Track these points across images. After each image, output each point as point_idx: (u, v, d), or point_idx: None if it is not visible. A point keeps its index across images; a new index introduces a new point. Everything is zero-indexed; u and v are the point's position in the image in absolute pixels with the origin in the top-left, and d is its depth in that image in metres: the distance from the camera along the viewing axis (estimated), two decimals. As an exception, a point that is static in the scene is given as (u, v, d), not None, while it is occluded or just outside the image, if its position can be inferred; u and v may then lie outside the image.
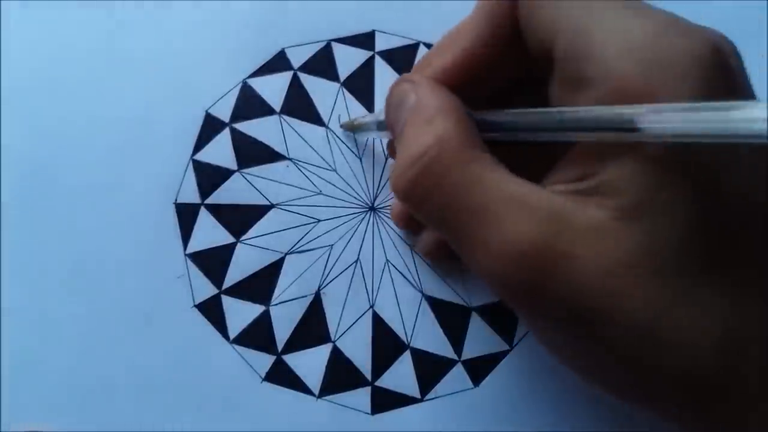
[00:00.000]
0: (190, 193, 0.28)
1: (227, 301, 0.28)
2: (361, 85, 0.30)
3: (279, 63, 0.30)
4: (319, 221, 0.28)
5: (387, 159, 0.29)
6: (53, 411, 0.27)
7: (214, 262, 0.28)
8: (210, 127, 0.29)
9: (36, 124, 0.29)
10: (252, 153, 0.29)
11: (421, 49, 0.30)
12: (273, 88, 0.30)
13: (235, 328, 0.27)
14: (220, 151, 0.29)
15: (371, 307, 0.28)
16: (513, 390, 0.27)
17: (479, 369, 0.27)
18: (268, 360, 0.27)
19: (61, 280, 0.28)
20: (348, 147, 0.29)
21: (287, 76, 0.30)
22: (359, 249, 0.28)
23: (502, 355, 0.28)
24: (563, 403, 0.27)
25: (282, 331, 0.27)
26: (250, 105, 0.29)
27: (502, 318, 0.28)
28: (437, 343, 0.28)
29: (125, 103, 0.29)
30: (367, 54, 0.30)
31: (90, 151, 0.29)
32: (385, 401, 0.27)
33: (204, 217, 0.28)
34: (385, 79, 0.30)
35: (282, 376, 0.27)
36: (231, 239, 0.28)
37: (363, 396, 0.27)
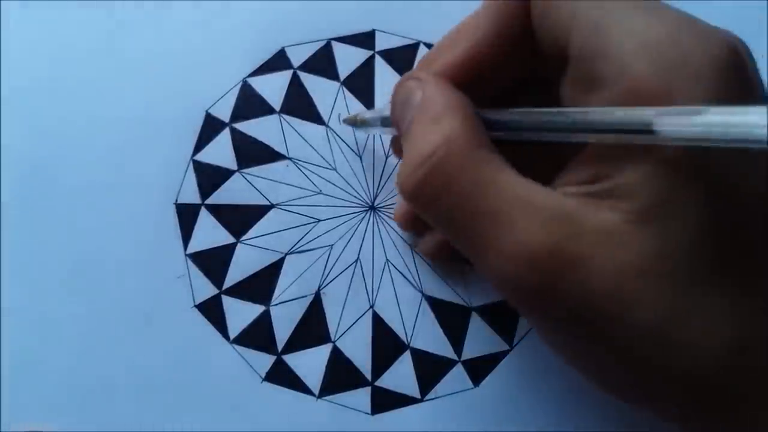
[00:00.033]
0: (191, 194, 0.28)
1: (227, 301, 0.28)
2: (361, 85, 0.30)
3: (279, 62, 0.30)
4: (319, 221, 0.28)
5: (387, 158, 0.29)
6: (53, 411, 0.27)
7: (214, 262, 0.28)
8: (210, 127, 0.29)
9: (36, 124, 0.29)
10: (252, 153, 0.29)
11: (421, 48, 0.30)
12: (273, 87, 0.30)
13: (235, 328, 0.27)
14: (220, 151, 0.29)
15: (371, 307, 0.28)
16: (513, 390, 0.27)
17: (479, 369, 0.27)
18: (268, 360, 0.27)
19: (61, 280, 0.28)
20: (348, 146, 0.29)
21: (287, 75, 0.30)
22: (359, 249, 0.28)
23: (502, 355, 0.28)
24: (563, 403, 0.27)
25: (282, 331, 0.27)
26: (250, 104, 0.29)
27: (502, 318, 0.28)
28: (437, 343, 0.28)
29: (125, 103, 0.29)
30: (367, 53, 0.30)
31: (90, 151, 0.29)
32: (385, 401, 0.27)
33: (204, 218, 0.28)
34: (385, 79, 0.30)
35: (282, 376, 0.27)
36: (231, 239, 0.28)
37: (363, 396, 0.27)
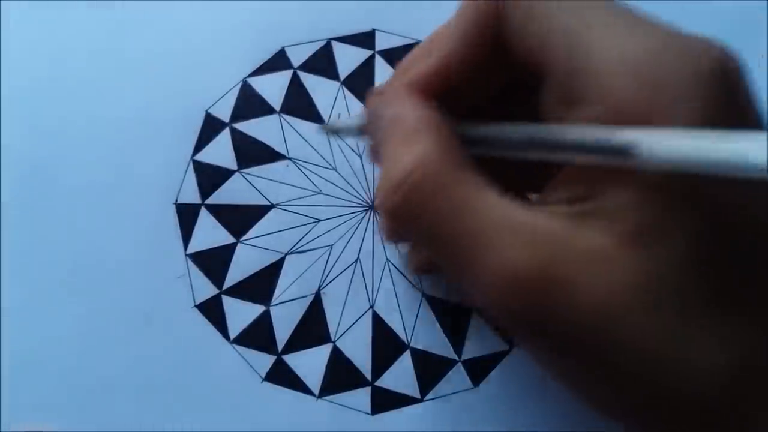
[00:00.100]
0: (191, 194, 0.28)
1: (227, 301, 0.28)
2: (361, 84, 0.30)
3: (279, 62, 0.30)
4: (319, 221, 0.28)
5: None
6: (53, 411, 0.27)
7: (214, 262, 0.28)
8: (210, 127, 0.29)
9: (36, 124, 0.29)
10: (252, 153, 0.29)
11: (422, 48, 0.30)
12: (273, 87, 0.30)
13: (235, 328, 0.27)
14: (220, 151, 0.29)
15: (371, 307, 0.28)
16: (513, 390, 0.27)
17: (479, 369, 0.27)
18: (269, 360, 0.27)
19: (61, 280, 0.28)
20: (348, 146, 0.29)
21: (287, 74, 0.30)
22: (359, 249, 0.28)
23: (502, 355, 0.27)
24: (563, 403, 0.27)
25: (282, 331, 0.27)
26: (250, 104, 0.29)
27: (502, 318, 0.28)
28: (437, 343, 0.28)
29: (125, 103, 0.29)
30: (367, 53, 0.30)
31: (90, 151, 0.29)
32: (385, 401, 0.27)
33: (204, 218, 0.28)
34: (386, 79, 0.30)
35: (282, 376, 0.27)
36: (231, 239, 0.28)
37: (363, 396, 0.27)
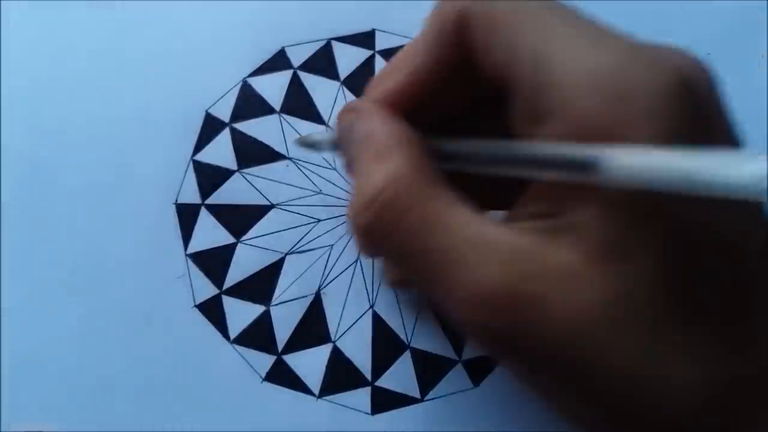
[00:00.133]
0: (191, 194, 0.28)
1: (228, 301, 0.28)
2: (361, 84, 0.30)
3: (279, 62, 0.30)
4: (319, 221, 0.28)
5: None
6: (53, 411, 0.27)
7: (214, 262, 0.28)
8: (210, 127, 0.29)
9: (36, 124, 0.29)
10: (252, 153, 0.29)
11: (422, 48, 0.30)
12: (273, 87, 0.30)
13: (235, 328, 0.27)
14: (220, 151, 0.29)
15: (371, 307, 0.28)
16: (513, 390, 0.27)
17: (479, 369, 0.27)
18: (269, 360, 0.27)
19: (61, 280, 0.28)
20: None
21: (287, 74, 0.30)
22: (359, 249, 0.28)
23: (502, 355, 0.27)
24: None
25: (282, 331, 0.27)
26: (250, 104, 0.29)
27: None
28: (437, 343, 0.28)
29: (125, 103, 0.29)
30: (367, 53, 0.30)
31: (90, 151, 0.29)
32: (385, 401, 0.27)
33: (204, 218, 0.28)
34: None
35: (282, 376, 0.27)
36: (231, 239, 0.28)
37: (363, 396, 0.27)
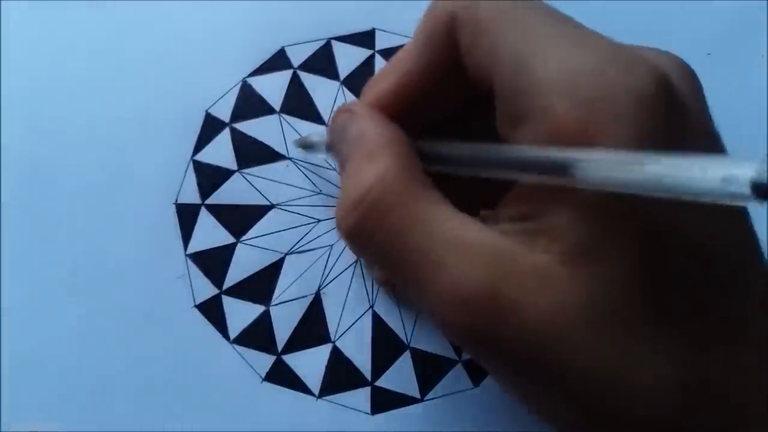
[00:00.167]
0: (191, 194, 0.28)
1: (227, 301, 0.28)
2: (361, 84, 0.29)
3: (279, 61, 0.30)
4: (319, 221, 0.28)
5: None
6: (53, 411, 0.27)
7: (214, 263, 0.28)
8: (210, 127, 0.29)
9: (36, 124, 0.29)
10: (252, 153, 0.29)
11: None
12: (273, 87, 0.30)
13: (235, 328, 0.27)
14: (220, 151, 0.29)
15: (371, 307, 0.28)
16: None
17: (479, 369, 0.27)
18: (268, 360, 0.27)
19: (61, 280, 0.28)
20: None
21: (287, 74, 0.30)
22: (359, 249, 0.28)
23: (502, 355, 0.27)
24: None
25: (282, 331, 0.27)
26: (250, 104, 0.29)
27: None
28: (437, 343, 0.28)
29: (125, 103, 0.29)
30: (367, 52, 0.30)
31: (90, 151, 0.29)
32: (385, 401, 0.27)
33: (204, 218, 0.28)
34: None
35: (282, 376, 0.27)
36: (231, 239, 0.28)
37: (363, 396, 0.27)
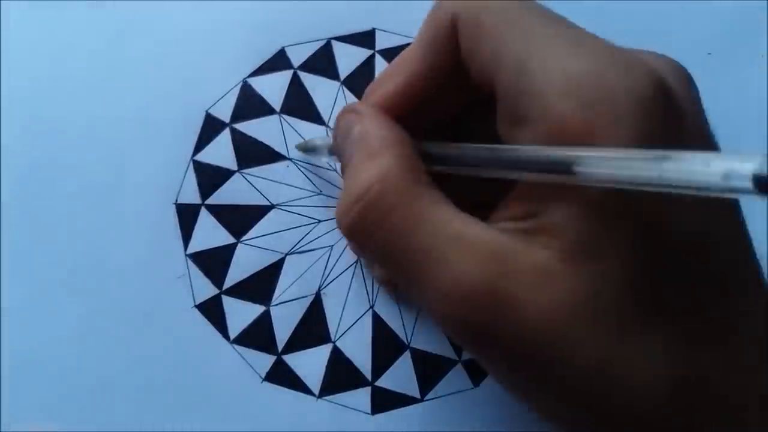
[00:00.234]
0: (191, 194, 0.28)
1: (227, 302, 0.28)
2: (361, 84, 0.30)
3: (279, 62, 0.30)
4: (319, 221, 0.28)
5: None
6: (53, 411, 0.27)
7: (214, 263, 0.28)
8: (210, 128, 0.29)
9: (36, 124, 0.29)
10: (252, 153, 0.29)
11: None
12: (273, 87, 0.30)
13: (235, 328, 0.27)
14: (221, 152, 0.29)
15: (371, 307, 0.28)
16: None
17: (479, 369, 0.27)
18: (269, 360, 0.27)
19: (61, 280, 0.28)
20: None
21: (287, 74, 0.30)
22: (359, 249, 0.28)
23: (502, 355, 0.27)
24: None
25: (282, 331, 0.27)
26: (250, 104, 0.29)
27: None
28: (437, 343, 0.28)
29: (125, 103, 0.29)
30: (367, 52, 0.30)
31: (90, 151, 0.29)
32: (385, 401, 0.27)
33: (204, 218, 0.28)
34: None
35: (282, 376, 0.27)
36: (231, 239, 0.28)
37: (363, 396, 0.27)
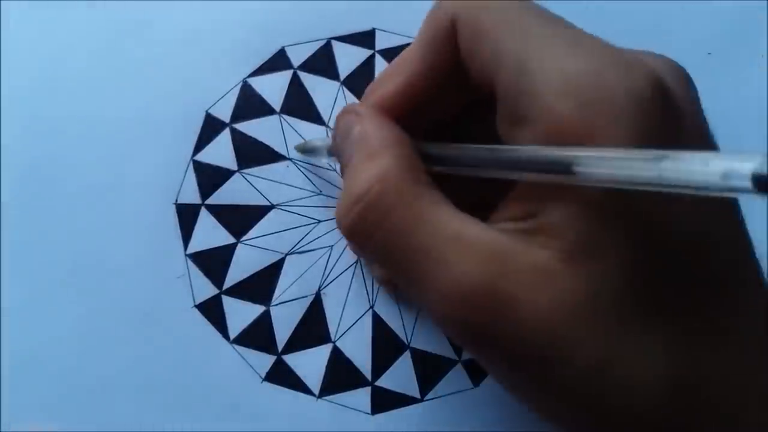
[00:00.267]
0: (191, 194, 0.28)
1: (227, 302, 0.28)
2: (361, 84, 0.30)
3: (279, 62, 0.30)
4: (319, 222, 0.28)
5: None
6: (53, 411, 0.27)
7: (214, 263, 0.28)
8: (210, 127, 0.29)
9: (36, 124, 0.29)
10: (252, 153, 0.29)
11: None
12: (273, 87, 0.30)
13: (235, 328, 0.27)
14: (221, 152, 0.29)
15: (371, 307, 0.28)
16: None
17: (479, 369, 0.27)
18: (269, 360, 0.27)
19: (61, 280, 0.28)
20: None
21: (287, 74, 0.30)
22: (359, 249, 0.28)
23: (502, 355, 0.27)
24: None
25: (282, 332, 0.27)
26: (250, 104, 0.29)
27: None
28: (437, 343, 0.28)
29: (125, 103, 0.29)
30: (367, 52, 0.30)
31: (90, 151, 0.29)
32: (385, 401, 0.27)
33: (204, 218, 0.28)
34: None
35: (282, 376, 0.27)
36: (231, 239, 0.28)
37: (363, 396, 0.27)
